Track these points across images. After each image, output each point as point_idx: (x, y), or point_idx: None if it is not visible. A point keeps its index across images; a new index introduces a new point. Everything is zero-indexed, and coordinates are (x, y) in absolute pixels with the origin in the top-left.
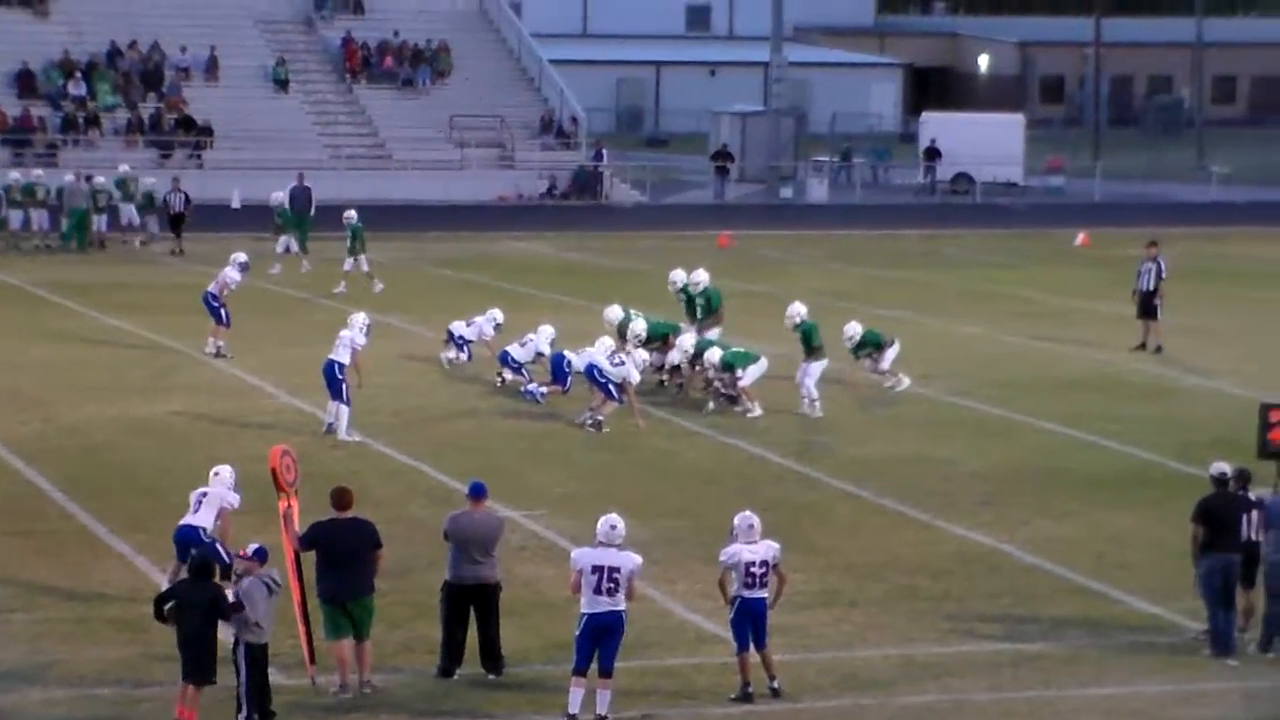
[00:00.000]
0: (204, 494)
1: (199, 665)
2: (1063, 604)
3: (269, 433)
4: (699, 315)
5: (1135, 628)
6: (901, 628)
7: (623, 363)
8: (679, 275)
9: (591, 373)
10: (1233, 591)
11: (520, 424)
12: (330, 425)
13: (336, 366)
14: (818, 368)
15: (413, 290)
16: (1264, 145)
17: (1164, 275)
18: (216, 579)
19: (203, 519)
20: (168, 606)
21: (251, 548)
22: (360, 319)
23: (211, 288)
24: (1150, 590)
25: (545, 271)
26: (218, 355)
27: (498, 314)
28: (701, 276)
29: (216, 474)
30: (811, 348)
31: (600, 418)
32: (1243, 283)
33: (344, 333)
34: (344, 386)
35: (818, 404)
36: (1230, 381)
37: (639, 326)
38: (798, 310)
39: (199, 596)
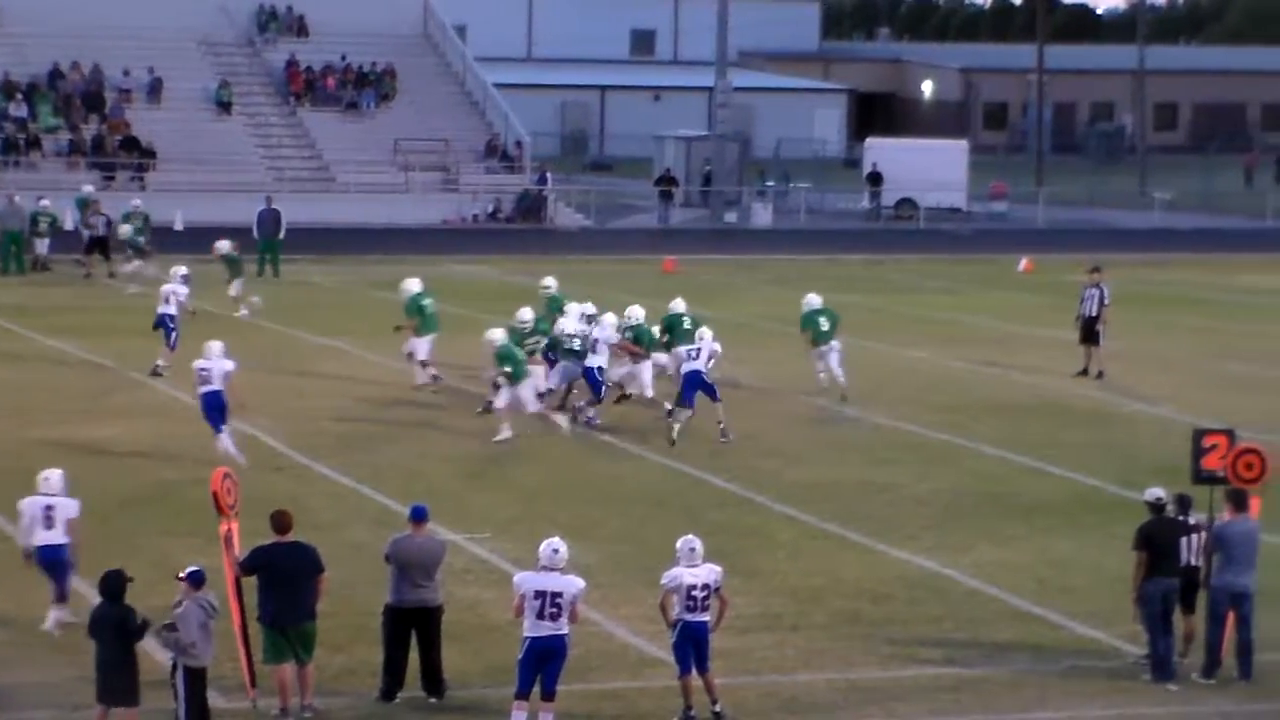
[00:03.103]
0: (49, 506)
1: (110, 688)
2: (1005, 629)
3: (210, 456)
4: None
5: (1077, 652)
6: (844, 652)
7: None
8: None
9: (591, 374)
10: (1171, 616)
11: (464, 447)
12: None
13: (215, 396)
14: (647, 367)
15: (355, 314)
16: (1205, 172)
17: (1106, 301)
18: (125, 599)
19: (60, 535)
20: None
21: (187, 570)
22: (217, 347)
23: (167, 309)
24: (1092, 615)
25: (489, 295)
26: (154, 374)
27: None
28: (637, 313)
29: (47, 479)
30: (645, 346)
31: (591, 414)
32: (1184, 309)
33: (204, 362)
34: (223, 413)
35: (664, 404)
36: (1172, 407)
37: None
38: (636, 314)
39: (109, 617)
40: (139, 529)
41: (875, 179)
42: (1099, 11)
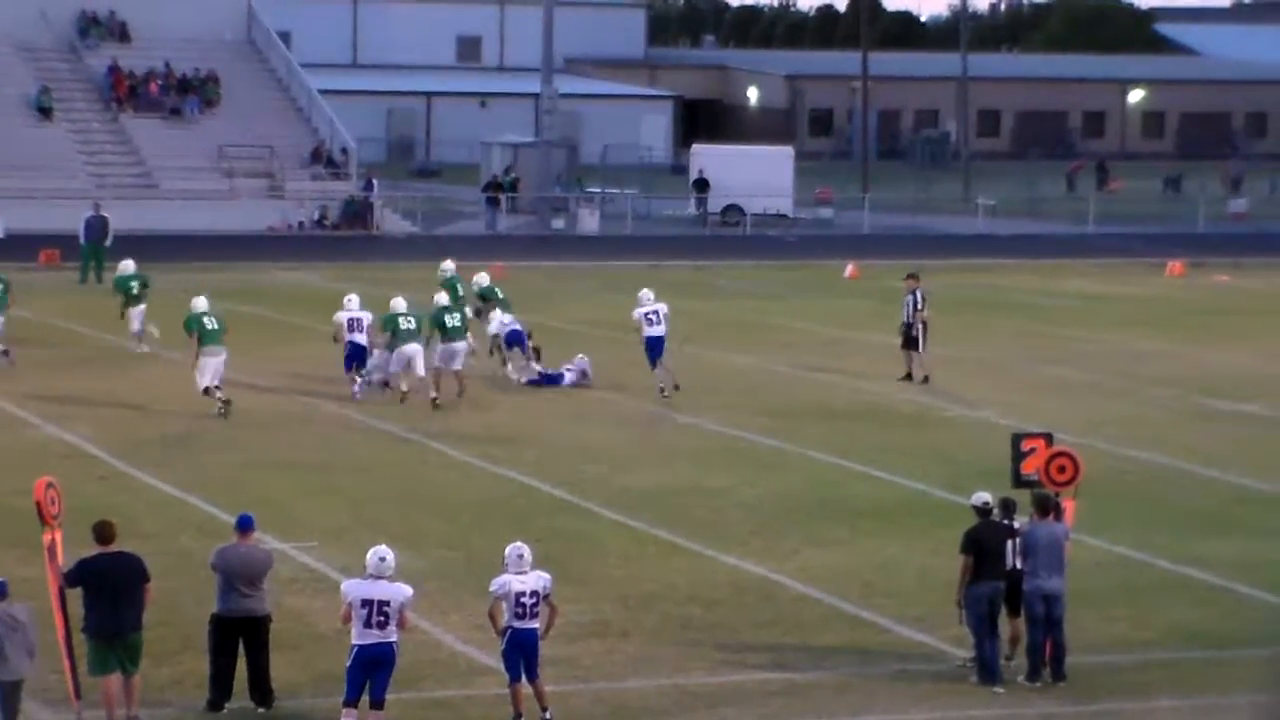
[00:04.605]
0: None
1: None
2: (833, 633)
3: (33, 464)
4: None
5: (903, 656)
6: (674, 658)
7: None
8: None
9: (520, 337)
10: (998, 619)
11: (293, 455)
12: None
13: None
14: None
15: (180, 322)
16: (1027, 178)
17: (920, 305)
18: None
19: None
20: None
21: None
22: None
23: None
24: (918, 619)
25: (315, 302)
26: None
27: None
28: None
29: None
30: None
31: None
32: (1008, 314)
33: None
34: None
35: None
36: (995, 411)
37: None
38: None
39: None
40: None
41: (701, 185)
42: (923, 19)
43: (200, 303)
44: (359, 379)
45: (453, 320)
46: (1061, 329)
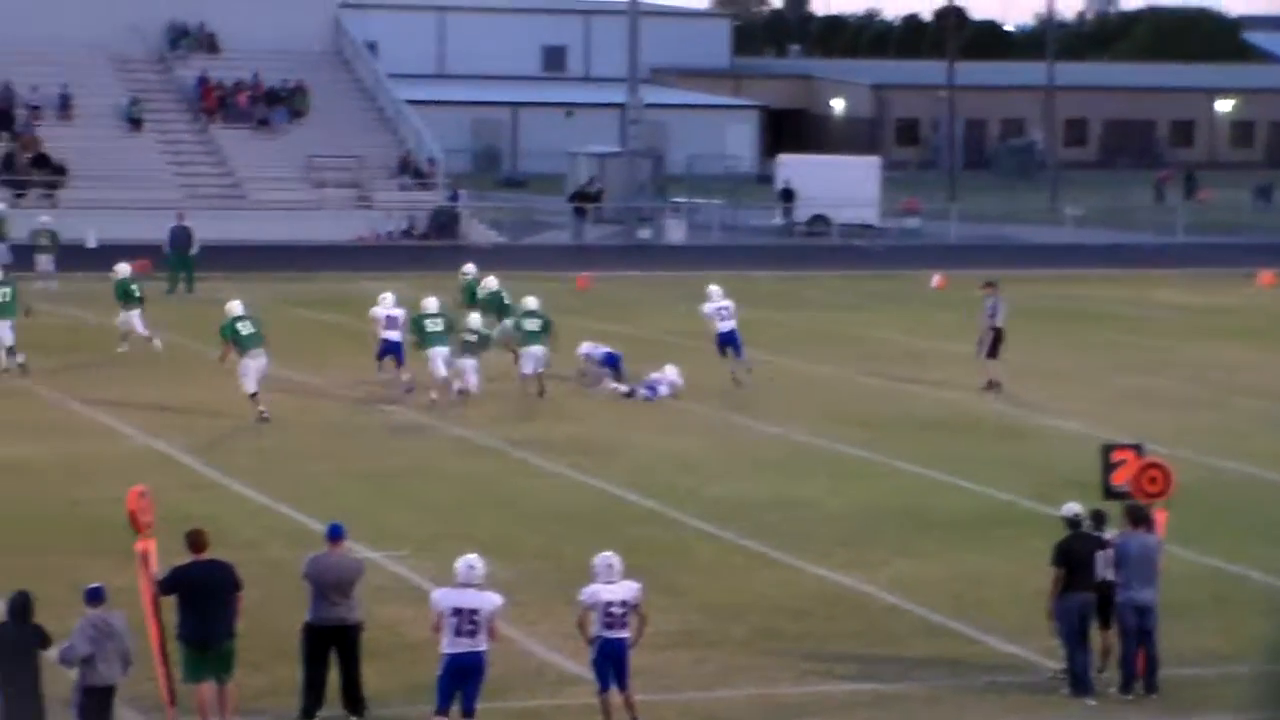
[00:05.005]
0: None
1: (14, 711)
2: (922, 644)
3: (126, 473)
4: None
5: (994, 667)
6: (762, 668)
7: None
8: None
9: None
10: (1088, 631)
11: (382, 464)
12: None
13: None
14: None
15: (268, 331)
16: (1115, 188)
17: (993, 315)
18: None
19: None
20: None
21: (85, 589)
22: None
23: None
24: (1008, 630)
25: None
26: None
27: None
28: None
29: None
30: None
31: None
32: (1095, 324)
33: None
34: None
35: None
36: (1084, 422)
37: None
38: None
39: (15, 638)
40: (52, 548)
41: (788, 195)
42: (1008, 28)
43: (236, 306)
44: (404, 378)
45: (533, 324)
46: (1150, 339)
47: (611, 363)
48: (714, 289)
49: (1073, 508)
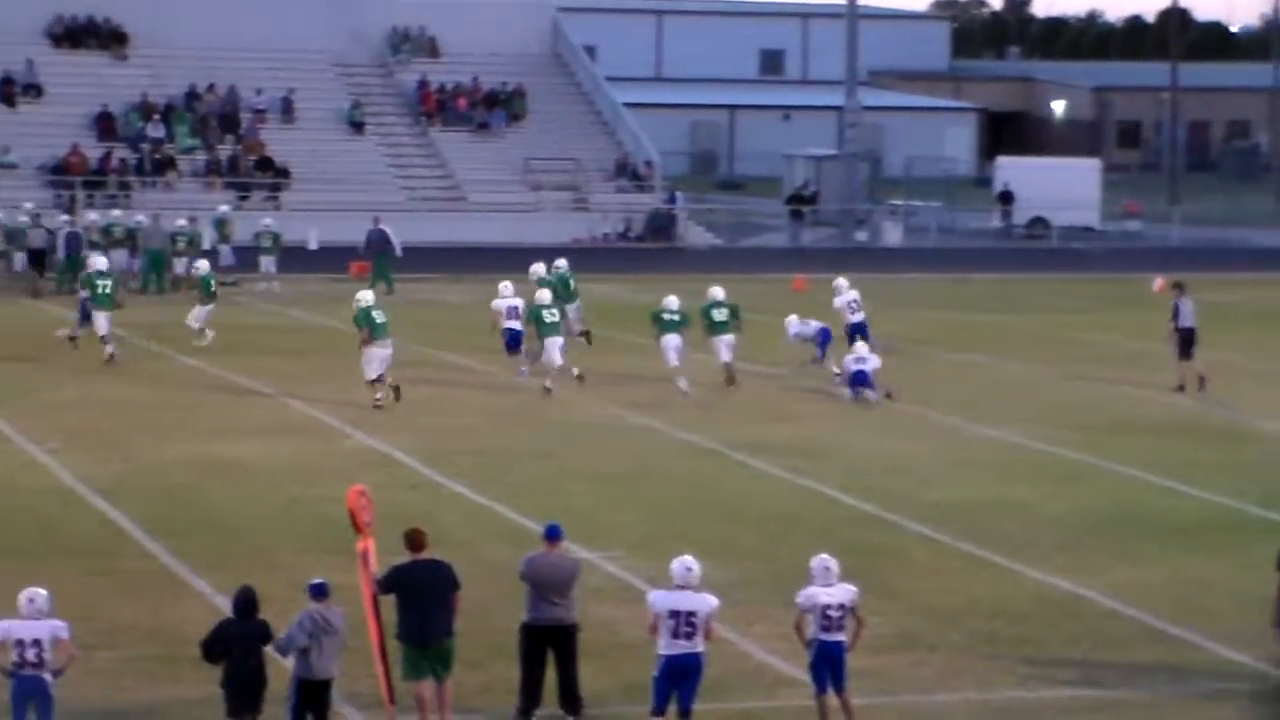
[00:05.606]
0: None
1: (238, 703)
2: (1143, 650)
3: (346, 472)
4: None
5: (1219, 674)
6: (980, 672)
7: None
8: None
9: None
10: None
11: (599, 465)
12: None
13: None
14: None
15: (487, 333)
16: None
17: (1178, 316)
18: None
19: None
20: (219, 650)
21: (310, 583)
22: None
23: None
24: (1233, 637)
25: (621, 314)
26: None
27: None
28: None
29: (32, 600)
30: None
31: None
32: None
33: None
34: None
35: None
36: None
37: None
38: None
39: (242, 632)
40: (276, 546)
41: (1006, 198)
42: (1233, 29)
43: (368, 296)
44: (523, 367)
45: (720, 314)
46: None
47: (825, 340)
48: (841, 281)
49: None
